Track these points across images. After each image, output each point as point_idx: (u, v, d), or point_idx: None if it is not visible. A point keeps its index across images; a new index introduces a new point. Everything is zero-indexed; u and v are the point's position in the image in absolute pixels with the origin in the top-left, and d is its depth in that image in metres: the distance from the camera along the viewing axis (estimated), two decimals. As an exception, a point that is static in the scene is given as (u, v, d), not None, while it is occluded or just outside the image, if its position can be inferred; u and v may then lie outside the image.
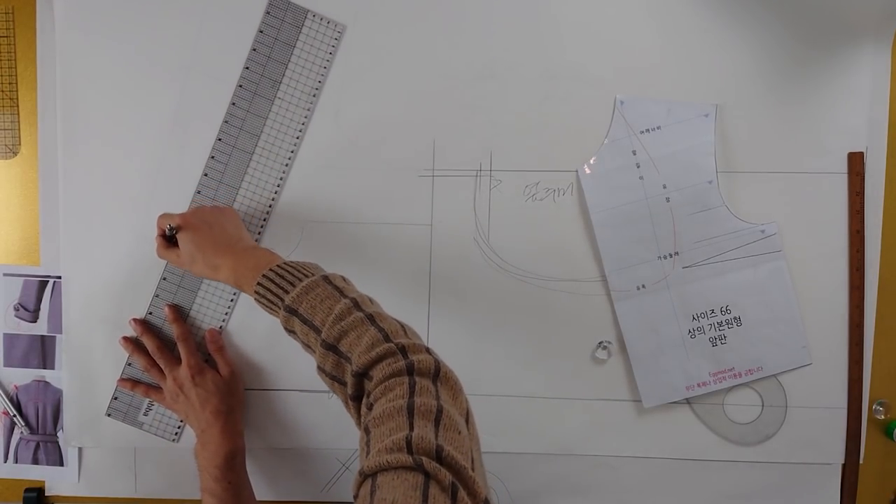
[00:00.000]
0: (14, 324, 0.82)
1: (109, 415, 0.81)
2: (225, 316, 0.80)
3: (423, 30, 0.77)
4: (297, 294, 0.58)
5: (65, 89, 0.78)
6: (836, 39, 0.76)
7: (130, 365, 0.80)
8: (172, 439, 0.82)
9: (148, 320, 0.80)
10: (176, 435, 0.82)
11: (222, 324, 0.80)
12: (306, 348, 0.59)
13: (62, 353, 0.81)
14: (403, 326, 0.56)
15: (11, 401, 0.83)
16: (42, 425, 0.83)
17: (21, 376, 0.83)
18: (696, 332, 0.78)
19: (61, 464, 0.83)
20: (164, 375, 0.78)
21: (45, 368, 0.82)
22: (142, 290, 0.80)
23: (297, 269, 0.61)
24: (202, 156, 0.78)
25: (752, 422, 0.80)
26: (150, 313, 0.80)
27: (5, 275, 0.81)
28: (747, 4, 0.76)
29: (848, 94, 0.77)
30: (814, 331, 0.78)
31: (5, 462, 0.84)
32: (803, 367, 0.79)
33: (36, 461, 0.83)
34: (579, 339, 0.79)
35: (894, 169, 0.77)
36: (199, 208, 0.74)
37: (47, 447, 0.83)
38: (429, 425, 0.46)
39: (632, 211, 0.77)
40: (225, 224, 0.72)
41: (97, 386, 0.81)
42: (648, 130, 0.77)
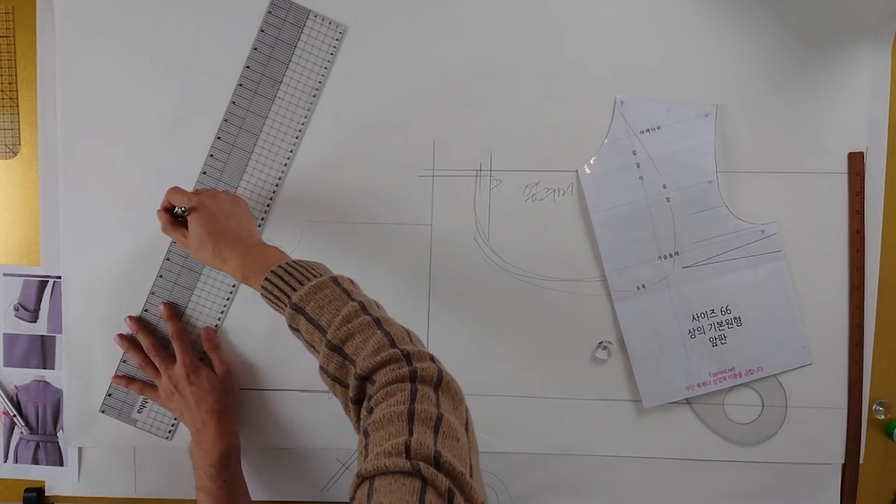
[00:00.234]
0: (14, 324, 0.82)
1: (103, 411, 0.81)
2: (221, 314, 0.80)
3: (424, 30, 0.77)
4: (305, 293, 0.58)
5: (65, 89, 0.78)
6: (836, 39, 0.76)
7: (125, 362, 0.80)
8: (166, 437, 0.82)
9: (143, 318, 0.80)
10: (169, 433, 0.82)
11: (218, 322, 0.80)
12: (309, 348, 0.59)
13: (62, 353, 0.81)
14: (409, 332, 0.56)
15: (11, 401, 0.83)
16: (42, 425, 0.83)
17: (21, 376, 0.83)
18: (696, 332, 0.78)
19: (61, 464, 0.83)
20: (158, 373, 0.78)
21: (45, 368, 0.82)
22: (141, 289, 0.80)
23: (307, 268, 0.62)
24: (202, 155, 0.78)
25: (752, 422, 0.80)
26: (145, 310, 0.80)
27: (5, 275, 0.81)
28: (747, 4, 0.76)
29: (848, 94, 0.77)
30: (814, 331, 0.78)
31: (5, 462, 0.84)
32: (803, 367, 0.79)
33: (36, 461, 0.83)
34: (579, 339, 0.79)
35: (894, 169, 0.77)
36: (215, 193, 0.72)
37: (47, 447, 0.83)
38: (428, 432, 0.46)
39: (632, 211, 0.77)
40: (239, 216, 0.71)
41: (97, 386, 0.81)
42: (648, 130, 0.77)
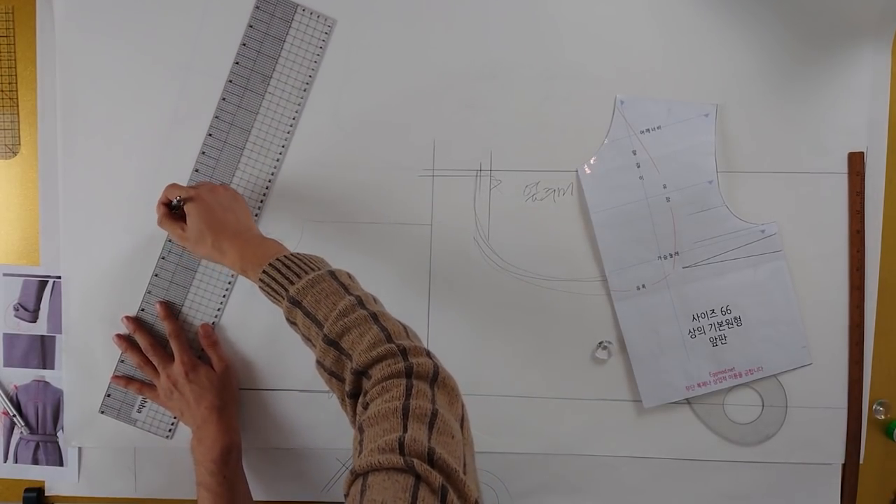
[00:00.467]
0: (14, 324, 0.82)
1: (103, 412, 0.81)
2: (217, 312, 0.80)
3: (424, 29, 0.77)
4: (303, 286, 0.58)
5: (65, 89, 0.78)
6: (836, 39, 0.76)
7: (123, 362, 0.80)
8: (166, 436, 0.82)
9: (140, 317, 0.80)
10: (169, 432, 0.82)
11: (215, 319, 0.80)
12: (306, 341, 0.59)
13: (62, 353, 0.81)
14: (406, 328, 0.56)
15: (11, 401, 0.83)
16: (42, 425, 0.83)
17: (21, 376, 0.82)
18: (697, 332, 0.78)
19: (61, 464, 0.83)
20: (157, 373, 0.78)
21: (44, 368, 0.82)
22: (140, 288, 0.80)
23: (305, 261, 0.61)
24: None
25: (752, 422, 0.80)
26: (142, 310, 0.80)
27: (5, 275, 0.81)
28: (747, 4, 0.76)
29: (848, 94, 0.77)
30: (814, 331, 0.78)
31: (5, 462, 0.84)
32: (803, 367, 0.79)
33: (36, 461, 0.83)
34: (579, 339, 0.79)
35: (894, 169, 0.77)
36: (213, 187, 0.72)
37: (47, 447, 0.83)
38: (422, 428, 0.46)
39: (632, 211, 0.77)
40: (236, 209, 0.72)
41: (97, 386, 0.81)
42: (648, 130, 0.77)
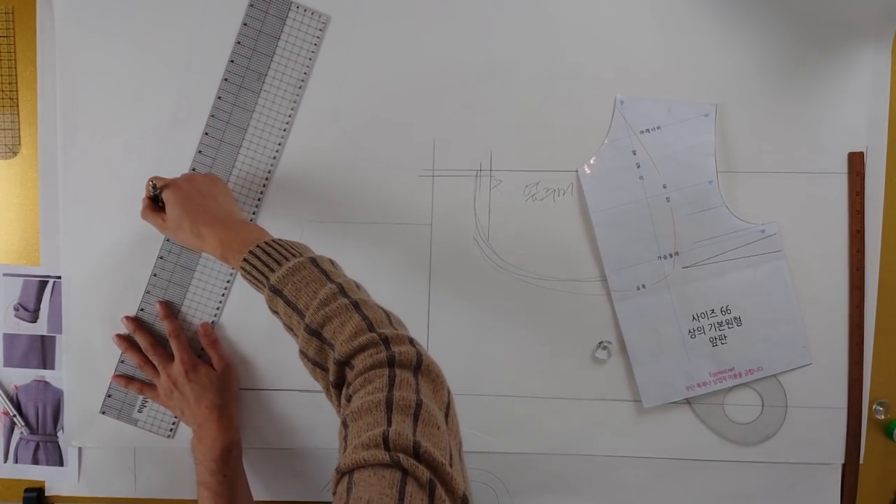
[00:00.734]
0: (14, 324, 0.82)
1: (104, 412, 0.81)
2: (216, 310, 0.80)
3: (425, 29, 0.77)
4: (283, 274, 0.57)
5: (65, 89, 0.78)
6: (836, 39, 0.76)
7: (123, 362, 0.80)
8: (167, 435, 0.82)
9: (140, 317, 0.80)
10: (171, 431, 0.82)
11: (214, 318, 0.80)
12: (288, 331, 0.58)
13: (62, 353, 0.81)
14: (388, 315, 0.55)
15: (11, 401, 0.83)
16: (42, 425, 0.83)
17: (21, 376, 0.82)
18: (697, 332, 0.78)
19: (61, 464, 0.83)
20: (157, 372, 0.78)
21: (45, 368, 0.82)
22: (140, 288, 0.80)
23: (285, 247, 0.60)
24: (202, 156, 0.79)
25: (752, 422, 0.80)
26: (141, 310, 0.80)
27: (5, 275, 0.81)
28: (747, 4, 0.76)
29: (848, 94, 0.77)
30: (814, 331, 0.78)
31: (5, 462, 0.84)
32: (803, 367, 0.79)
33: (36, 461, 0.83)
34: (579, 339, 0.79)
35: (894, 169, 0.77)
36: (192, 176, 0.73)
37: (47, 447, 0.83)
38: (407, 420, 0.45)
39: (632, 211, 0.77)
40: (217, 194, 0.71)
41: (97, 386, 0.81)
42: (648, 130, 0.77)
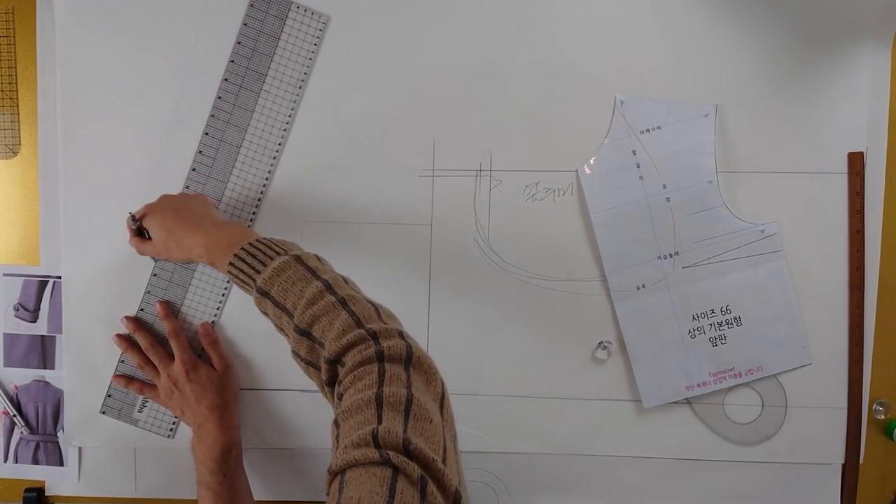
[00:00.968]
0: (14, 324, 0.82)
1: (104, 412, 0.81)
2: (216, 310, 0.80)
3: (424, 29, 0.77)
4: (269, 276, 0.57)
5: (65, 89, 0.78)
6: (836, 39, 0.76)
7: (123, 362, 0.80)
8: (168, 435, 0.82)
9: (140, 317, 0.80)
10: (171, 431, 0.82)
11: (214, 318, 0.80)
12: (279, 331, 0.58)
13: (62, 353, 0.81)
14: (378, 309, 0.55)
15: (11, 401, 0.83)
16: (42, 425, 0.83)
17: (21, 376, 0.82)
18: (696, 332, 0.78)
19: (61, 464, 0.83)
20: (158, 372, 0.78)
21: (45, 368, 0.82)
22: (140, 288, 0.80)
23: (270, 246, 0.60)
24: (202, 156, 0.79)
25: (752, 422, 0.80)
26: (141, 310, 0.80)
27: (5, 275, 0.81)
28: (747, 5, 0.76)
29: (848, 94, 0.77)
30: (814, 331, 0.78)
31: (5, 462, 0.84)
32: (803, 367, 0.79)
33: (36, 461, 0.83)
34: (579, 339, 0.79)
35: (894, 169, 0.77)
36: (165, 196, 0.74)
37: (47, 447, 0.83)
38: (398, 417, 0.45)
39: (632, 211, 0.77)
40: (191, 204, 0.72)
41: (97, 386, 0.81)
42: (648, 130, 0.77)
